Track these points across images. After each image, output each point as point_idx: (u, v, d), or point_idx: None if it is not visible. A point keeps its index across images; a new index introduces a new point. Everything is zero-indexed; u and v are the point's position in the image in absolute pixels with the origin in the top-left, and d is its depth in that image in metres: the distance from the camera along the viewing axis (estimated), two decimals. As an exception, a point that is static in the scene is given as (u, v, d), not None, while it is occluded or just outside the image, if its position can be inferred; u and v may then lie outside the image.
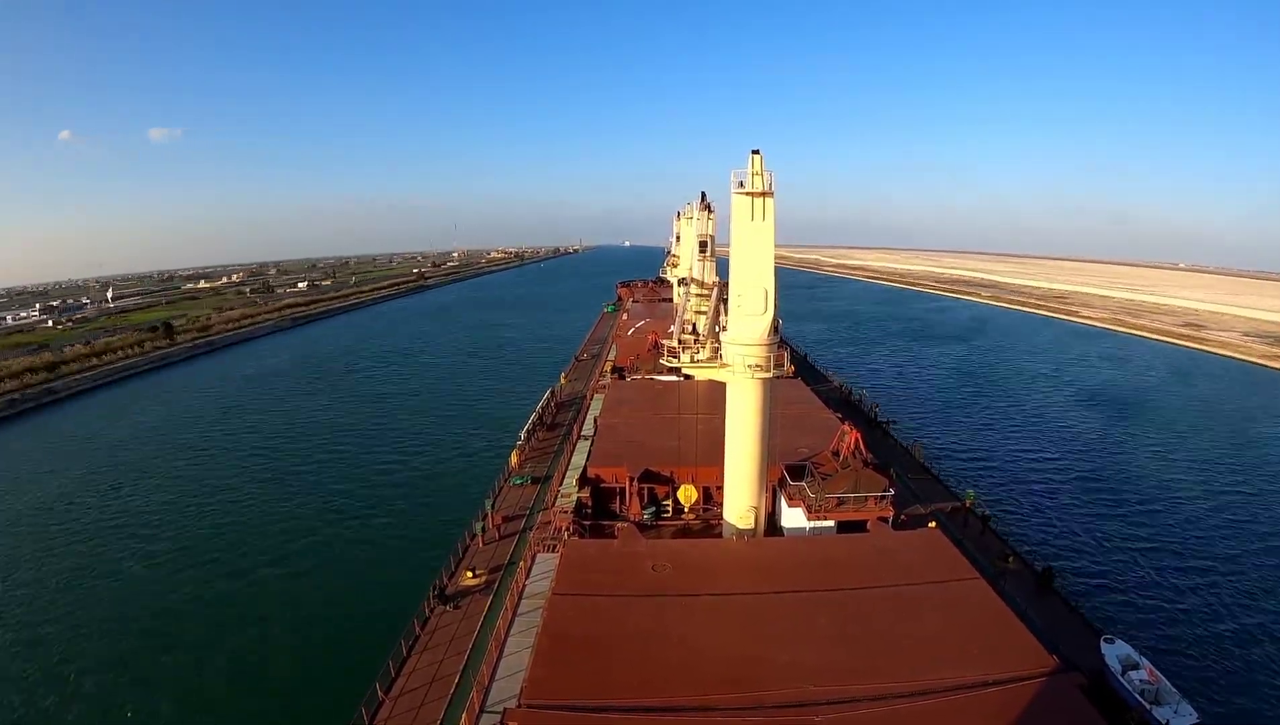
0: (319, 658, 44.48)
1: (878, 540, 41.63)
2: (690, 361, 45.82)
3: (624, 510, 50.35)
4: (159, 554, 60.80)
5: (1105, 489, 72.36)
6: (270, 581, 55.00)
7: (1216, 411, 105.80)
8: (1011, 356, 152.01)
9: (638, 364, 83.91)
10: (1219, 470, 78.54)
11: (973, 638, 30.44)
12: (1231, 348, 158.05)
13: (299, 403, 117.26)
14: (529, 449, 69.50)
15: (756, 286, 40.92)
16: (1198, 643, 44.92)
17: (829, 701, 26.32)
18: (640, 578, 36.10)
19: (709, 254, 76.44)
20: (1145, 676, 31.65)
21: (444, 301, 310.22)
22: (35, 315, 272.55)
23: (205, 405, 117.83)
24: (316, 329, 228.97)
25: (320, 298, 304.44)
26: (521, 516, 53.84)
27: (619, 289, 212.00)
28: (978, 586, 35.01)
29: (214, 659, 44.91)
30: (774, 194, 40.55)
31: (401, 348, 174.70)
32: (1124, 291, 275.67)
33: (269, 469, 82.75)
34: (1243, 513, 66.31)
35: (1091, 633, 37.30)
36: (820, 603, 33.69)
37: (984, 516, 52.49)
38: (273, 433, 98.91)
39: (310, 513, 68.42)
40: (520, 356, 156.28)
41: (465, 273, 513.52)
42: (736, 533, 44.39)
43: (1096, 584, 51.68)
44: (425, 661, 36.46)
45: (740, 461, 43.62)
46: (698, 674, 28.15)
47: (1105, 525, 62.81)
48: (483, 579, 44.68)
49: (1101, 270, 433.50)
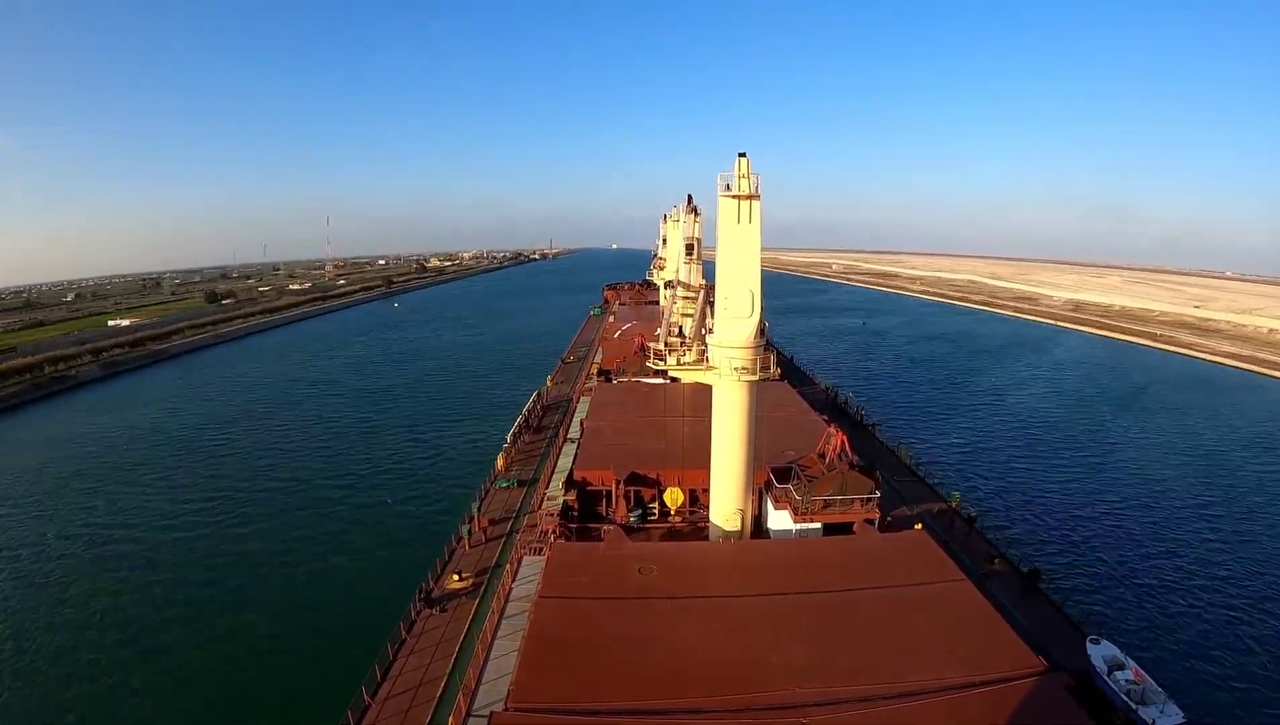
0: (305, 662, 43.94)
1: (864, 542, 41.74)
2: (676, 364, 45.83)
3: (610, 513, 50.15)
4: (139, 563, 59.85)
5: (1091, 490, 72.99)
6: (254, 585, 54.26)
7: (1218, 415, 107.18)
8: (1006, 363, 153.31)
9: (624, 366, 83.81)
10: (1203, 472, 79.50)
11: (959, 639, 30.53)
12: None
13: (283, 410, 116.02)
14: (515, 452, 69.15)
15: (742, 289, 40.95)
16: (1184, 643, 45.33)
17: (817, 703, 26.29)
18: (627, 581, 35.95)
19: (696, 257, 76.64)
20: (1131, 677, 31.83)
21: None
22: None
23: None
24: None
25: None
26: (508, 519, 53.51)
27: (605, 292, 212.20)
28: (964, 588, 35.17)
29: (199, 664, 44.22)
30: (760, 197, 40.66)
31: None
32: (1226, 313, 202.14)
33: (251, 476, 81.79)
34: (1228, 513, 67.09)
35: (1078, 633, 37.49)
36: (807, 605, 33.69)
37: (970, 518, 52.78)
38: (254, 441, 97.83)
39: (294, 518, 67.61)
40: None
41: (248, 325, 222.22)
42: (723, 535, 44.32)
43: (1082, 585, 52.04)
44: (411, 665, 36.10)
45: (726, 464, 43.58)
46: (685, 677, 28.01)
47: (1091, 526, 63.33)
48: (469, 582, 44.33)
49: (1159, 280, 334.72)
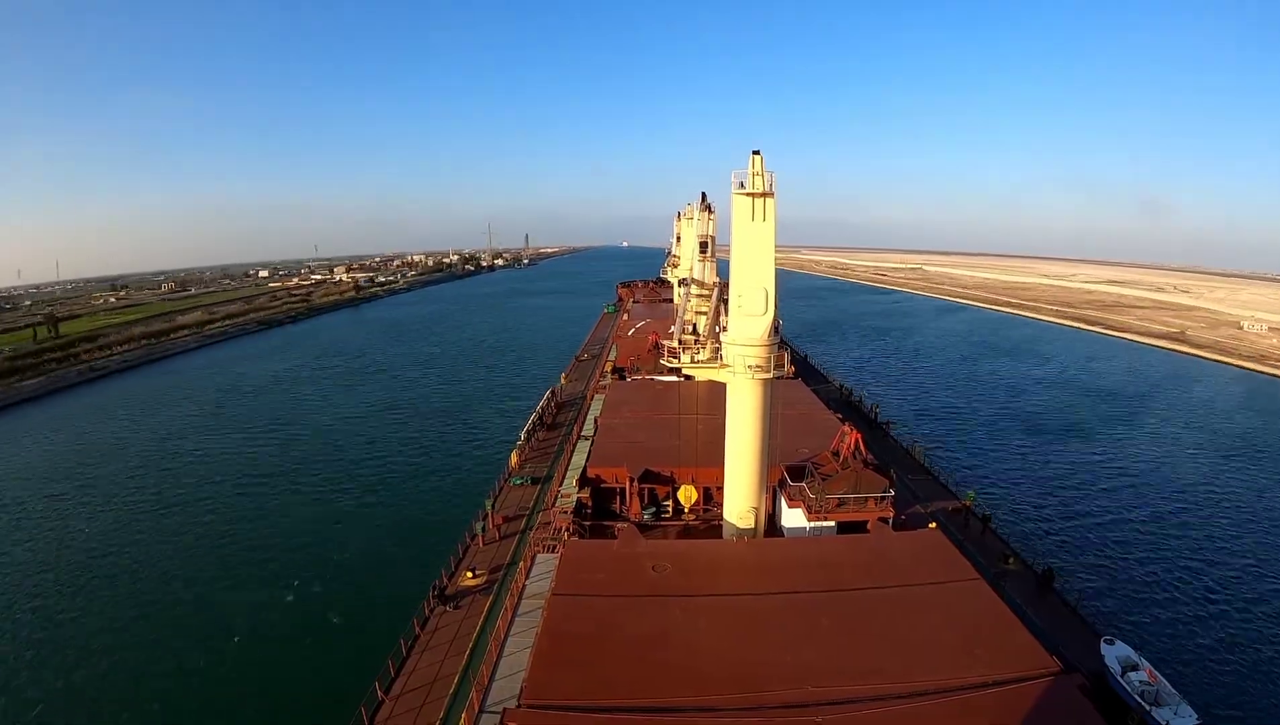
0: (319, 658, 44.52)
1: (878, 541, 41.61)
2: (690, 362, 45.84)
3: (624, 510, 50.33)
4: (156, 556, 60.83)
5: (1106, 490, 72.29)
6: (269, 581, 55.00)
7: (1219, 416, 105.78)
8: (1033, 364, 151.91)
9: (638, 364, 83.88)
10: (1221, 472, 78.49)
11: (973, 639, 30.41)
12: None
13: (297, 406, 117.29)
14: (529, 449, 69.52)
15: (757, 287, 40.92)
16: (1198, 644, 44.93)
17: (829, 702, 26.32)
18: (640, 578, 36.09)
19: (709, 254, 76.47)
20: (1145, 678, 31.67)
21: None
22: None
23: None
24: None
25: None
26: (522, 517, 53.84)
27: (619, 290, 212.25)
28: (978, 587, 34.99)
29: (215, 659, 44.94)
30: (775, 194, 40.58)
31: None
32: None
33: (264, 471, 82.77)
34: (1244, 514, 66.26)
35: (1092, 634, 37.33)
36: (820, 603, 33.66)
37: (984, 517, 52.47)
38: (267, 437, 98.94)
39: (309, 514, 68.46)
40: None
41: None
42: (737, 533, 44.36)
43: (1097, 585, 51.65)
44: (425, 662, 36.47)
45: (740, 462, 43.59)
46: (698, 674, 28.12)
47: (1106, 526, 62.78)
48: (483, 579, 44.70)
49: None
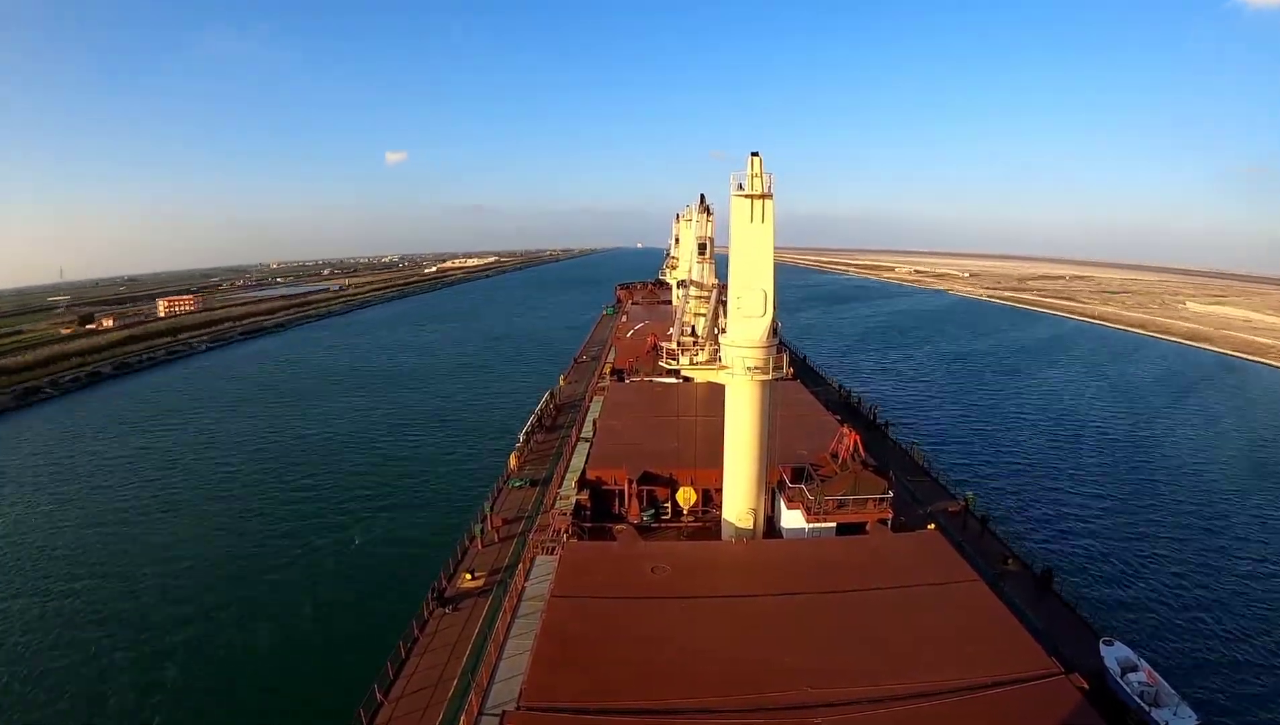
0: (317, 660, 44.49)
1: (877, 542, 41.62)
2: (689, 363, 45.87)
3: (623, 512, 50.30)
4: (153, 558, 60.72)
5: (1105, 490, 72.38)
6: (268, 583, 54.96)
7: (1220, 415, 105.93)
8: (1020, 360, 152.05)
9: (637, 366, 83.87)
10: (1221, 472, 78.57)
11: (972, 640, 30.40)
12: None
13: (293, 409, 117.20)
14: (528, 451, 69.44)
15: (755, 289, 40.97)
16: (1197, 645, 44.98)
17: (828, 704, 26.27)
18: (639, 580, 36.04)
19: (708, 256, 76.44)
20: (1144, 679, 31.68)
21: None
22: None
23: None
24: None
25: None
26: (521, 519, 53.75)
27: (618, 291, 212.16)
28: (977, 588, 34.98)
29: (213, 660, 44.91)
30: (773, 196, 40.67)
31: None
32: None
33: (262, 473, 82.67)
34: (1243, 515, 66.32)
35: (1091, 634, 37.29)
36: (819, 605, 33.65)
37: (983, 518, 52.47)
38: (264, 439, 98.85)
39: (309, 516, 68.35)
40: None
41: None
42: (736, 535, 44.37)
43: (1096, 586, 51.70)
44: (424, 664, 36.38)
45: (739, 464, 43.62)
46: (697, 676, 28.09)
47: (1105, 527, 62.84)
48: (482, 581, 44.62)
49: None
